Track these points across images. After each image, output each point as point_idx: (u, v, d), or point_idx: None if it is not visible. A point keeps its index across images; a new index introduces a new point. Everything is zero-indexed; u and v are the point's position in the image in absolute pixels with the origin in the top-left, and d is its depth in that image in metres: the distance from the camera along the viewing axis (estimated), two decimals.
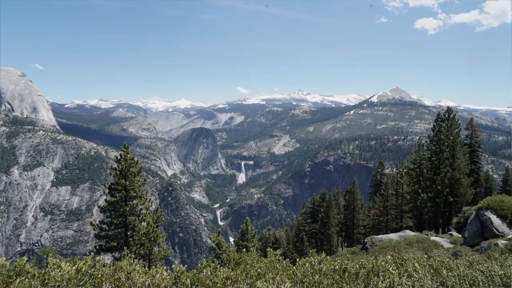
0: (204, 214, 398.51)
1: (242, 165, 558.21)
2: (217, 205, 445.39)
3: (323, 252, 11.27)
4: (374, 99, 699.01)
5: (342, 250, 68.92)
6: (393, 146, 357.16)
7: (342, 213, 74.85)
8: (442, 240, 32.62)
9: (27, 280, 7.26)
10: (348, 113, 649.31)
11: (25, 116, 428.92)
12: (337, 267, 8.52)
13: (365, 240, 38.11)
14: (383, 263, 8.68)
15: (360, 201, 72.02)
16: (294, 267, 9.43)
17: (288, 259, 11.53)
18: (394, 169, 65.48)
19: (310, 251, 12.78)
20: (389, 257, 9.47)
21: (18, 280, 7.09)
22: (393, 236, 35.93)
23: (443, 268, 8.46)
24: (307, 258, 9.98)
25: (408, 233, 36.21)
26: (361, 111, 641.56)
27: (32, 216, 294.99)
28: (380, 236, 37.53)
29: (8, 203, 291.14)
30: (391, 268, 8.37)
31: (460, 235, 34.72)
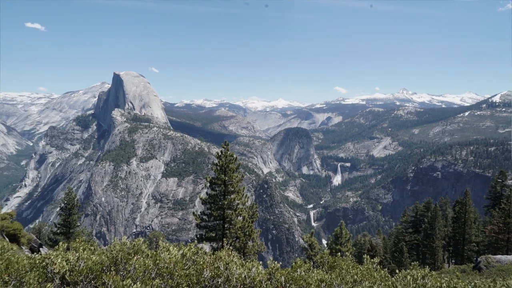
0: (298, 214, 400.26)
1: (338, 167, 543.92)
2: (311, 205, 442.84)
3: (427, 267, 10.33)
4: (496, 99, 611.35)
5: (449, 266, 62.48)
6: None
7: (450, 226, 68.11)
8: None
9: (142, 258, 8.30)
10: (461, 114, 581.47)
11: (142, 114, 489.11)
12: (444, 285, 7.71)
13: (479, 259, 33.86)
14: None
15: (473, 214, 64.16)
16: (393, 279, 8.84)
17: (385, 269, 10.86)
18: None
19: (412, 263, 11.85)
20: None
21: (135, 258, 8.15)
22: None
23: None
24: (408, 270, 9.27)
25: None
26: (478, 113, 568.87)
27: (146, 202, 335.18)
28: (498, 256, 32.89)
29: (127, 189, 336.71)
30: None
31: None
